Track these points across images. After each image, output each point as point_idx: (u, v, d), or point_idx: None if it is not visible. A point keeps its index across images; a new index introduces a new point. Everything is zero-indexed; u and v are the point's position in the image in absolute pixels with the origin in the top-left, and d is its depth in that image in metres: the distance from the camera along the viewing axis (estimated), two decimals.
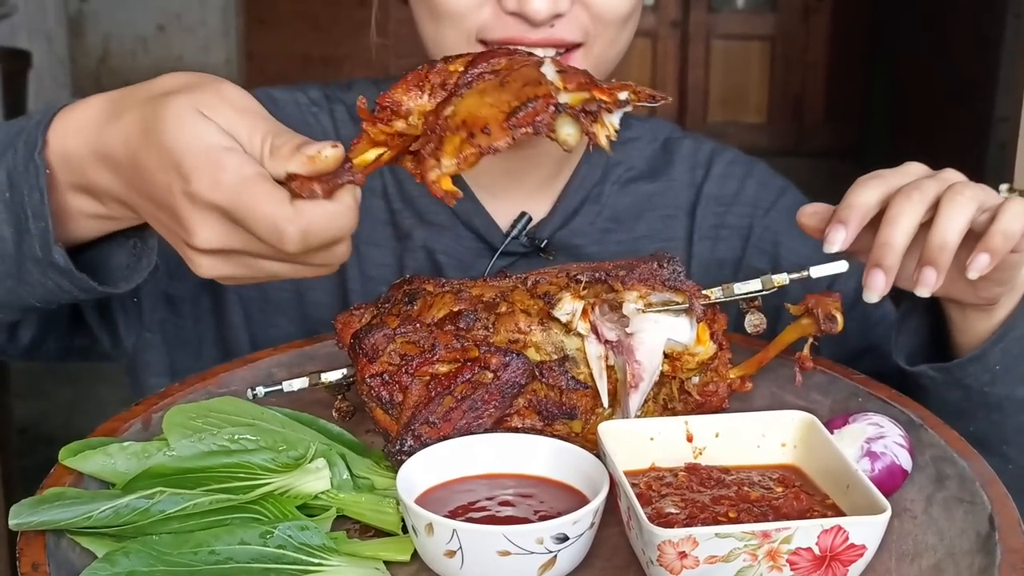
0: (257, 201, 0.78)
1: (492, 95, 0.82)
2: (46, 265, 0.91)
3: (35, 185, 0.89)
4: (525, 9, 1.10)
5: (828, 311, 0.97)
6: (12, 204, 0.91)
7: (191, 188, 0.79)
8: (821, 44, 8.16)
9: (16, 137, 0.92)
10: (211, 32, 7.93)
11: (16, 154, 0.91)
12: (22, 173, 0.90)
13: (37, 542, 0.82)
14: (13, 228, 0.92)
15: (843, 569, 0.81)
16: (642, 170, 1.37)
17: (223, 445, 0.92)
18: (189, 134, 0.80)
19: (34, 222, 0.90)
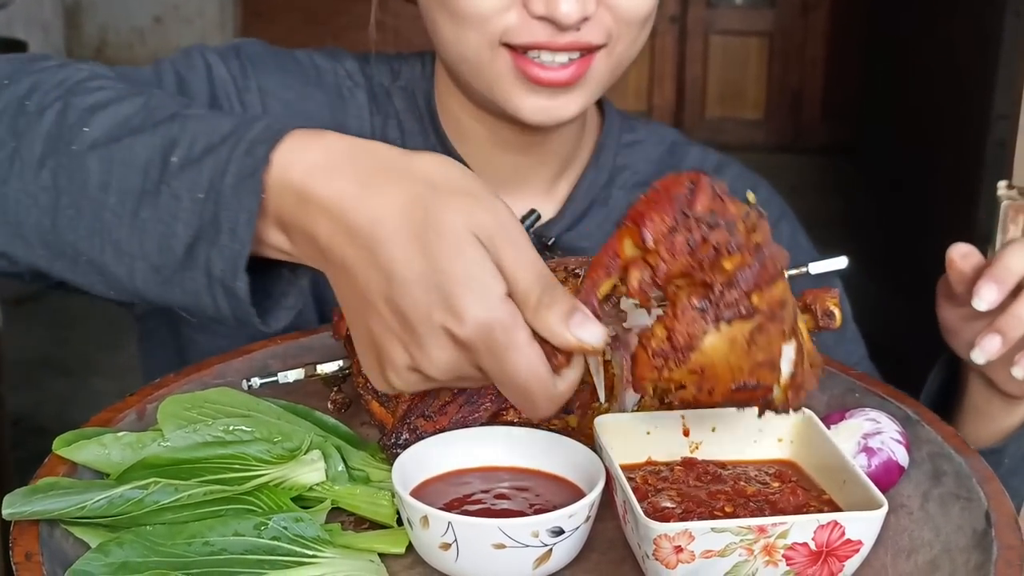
0: (522, 373, 0.76)
1: (736, 353, 0.78)
2: (219, 285, 0.83)
3: (246, 206, 0.80)
4: (555, 14, 1.07)
5: (826, 306, 0.97)
6: (204, 209, 0.82)
7: (455, 328, 0.74)
8: (819, 40, 8.17)
9: (230, 140, 0.83)
10: (208, 24, 7.92)
11: (230, 161, 0.82)
12: (233, 186, 0.81)
13: (30, 532, 0.82)
14: (193, 233, 0.83)
15: (839, 564, 0.80)
16: (647, 175, 1.35)
17: (218, 436, 0.92)
18: (467, 267, 0.74)
19: (229, 240, 0.81)
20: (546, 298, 0.76)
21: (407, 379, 0.78)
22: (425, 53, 1.31)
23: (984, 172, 4.62)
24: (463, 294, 0.74)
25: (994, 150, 4.43)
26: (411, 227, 0.76)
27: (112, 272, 0.87)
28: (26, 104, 0.91)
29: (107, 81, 0.94)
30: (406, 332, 0.76)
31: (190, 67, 1.22)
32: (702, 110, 8.33)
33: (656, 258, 0.77)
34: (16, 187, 0.89)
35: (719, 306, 0.77)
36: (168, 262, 0.84)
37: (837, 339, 1.30)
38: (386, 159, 0.80)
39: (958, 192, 5.19)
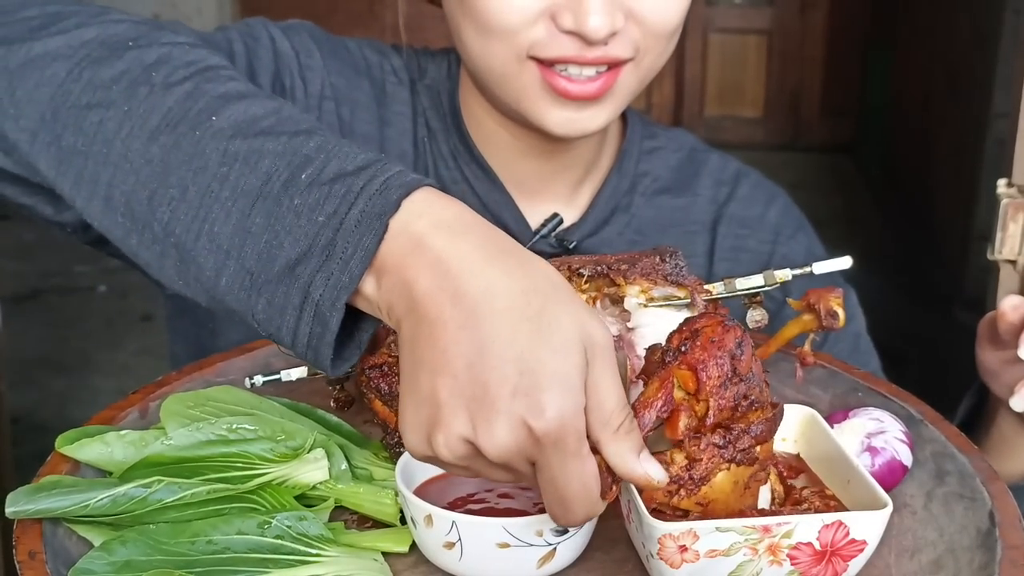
0: (573, 488, 0.74)
1: (735, 493, 0.83)
2: (312, 310, 0.80)
3: (365, 244, 0.78)
4: (584, 29, 1.06)
5: (829, 306, 0.97)
6: (321, 234, 0.80)
7: (532, 418, 0.72)
8: (818, 39, 8.17)
9: (360, 173, 0.81)
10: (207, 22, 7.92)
11: (359, 195, 0.79)
12: (357, 222, 0.78)
13: (34, 530, 0.82)
14: (300, 252, 0.80)
15: (843, 564, 0.80)
16: (667, 182, 1.35)
17: (221, 434, 0.92)
18: (568, 370, 0.73)
19: (338, 271, 0.79)
20: (627, 426, 0.76)
21: (455, 448, 0.75)
22: (451, 51, 1.30)
23: (983, 170, 4.63)
24: (555, 391, 0.72)
25: (993, 148, 4.43)
26: (525, 312, 0.74)
27: (199, 262, 0.84)
28: (152, 74, 0.88)
29: (237, 73, 0.92)
30: (479, 403, 0.73)
31: (256, 39, 1.21)
32: (701, 108, 8.33)
33: (704, 408, 0.81)
34: (119, 151, 0.86)
35: (735, 447, 0.82)
36: (264, 270, 0.81)
37: (851, 351, 1.30)
38: (512, 244, 0.79)
39: (957, 190, 5.19)
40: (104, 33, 0.92)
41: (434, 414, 0.74)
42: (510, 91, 1.14)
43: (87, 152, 0.87)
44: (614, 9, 1.07)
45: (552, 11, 1.08)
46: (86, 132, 0.87)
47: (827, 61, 8.18)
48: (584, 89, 1.10)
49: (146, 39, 0.92)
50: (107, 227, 0.88)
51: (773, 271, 1.00)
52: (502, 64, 1.12)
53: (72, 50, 0.90)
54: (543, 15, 1.08)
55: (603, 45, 1.08)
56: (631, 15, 1.09)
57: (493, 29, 1.10)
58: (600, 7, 1.06)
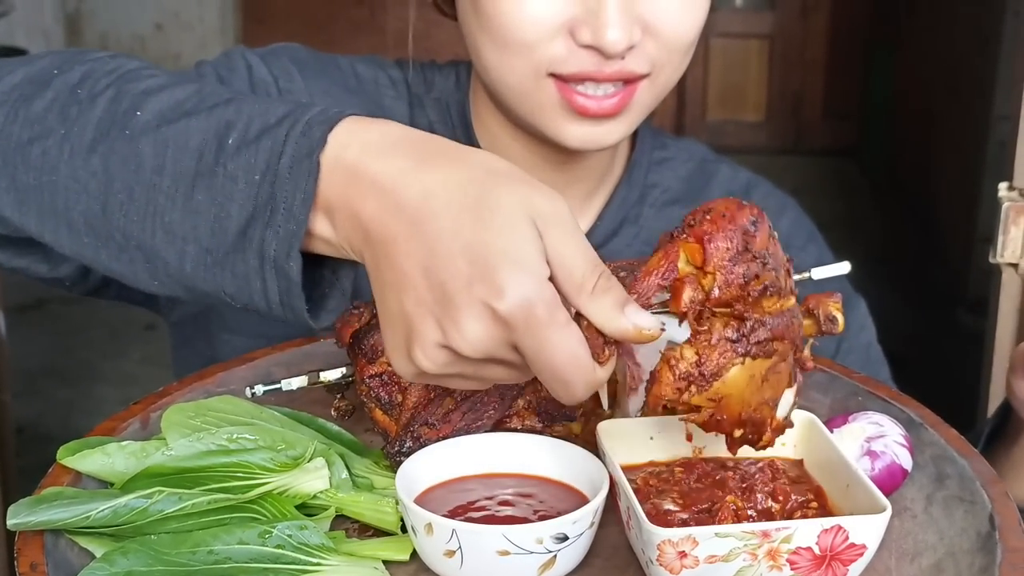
0: (562, 355, 0.74)
1: (751, 387, 0.80)
2: (271, 266, 0.81)
3: (302, 186, 0.79)
4: (602, 42, 1.06)
5: (829, 312, 0.96)
6: (260, 191, 0.81)
7: (495, 301, 0.72)
8: (820, 42, 8.17)
9: (286, 122, 0.82)
10: (209, 30, 7.93)
11: (286, 142, 0.81)
12: (289, 167, 0.80)
13: (35, 542, 0.82)
14: (248, 215, 0.81)
15: (843, 568, 0.80)
16: (677, 193, 1.35)
17: (221, 444, 0.92)
18: (517, 245, 0.73)
19: (284, 221, 0.80)
20: (603, 284, 0.76)
21: (434, 357, 0.75)
22: (459, 63, 1.30)
23: (985, 173, 4.62)
24: (508, 269, 0.73)
25: (995, 151, 4.43)
26: (464, 202, 0.75)
27: (162, 256, 0.85)
28: (78, 92, 0.90)
29: (159, 71, 0.93)
30: (441, 305, 0.74)
31: (231, 68, 1.21)
32: (703, 113, 8.33)
33: (712, 282, 0.79)
34: (65, 174, 0.87)
35: (748, 340, 0.79)
36: (221, 244, 0.83)
37: (864, 362, 1.31)
38: (444, 145, 0.80)
39: (960, 193, 5.19)
40: (30, 71, 0.94)
41: (407, 330, 0.75)
42: (527, 106, 1.14)
43: (40, 185, 0.89)
44: (631, 23, 1.07)
45: (570, 26, 1.08)
46: (34, 166, 0.89)
47: (829, 65, 8.18)
48: (602, 106, 1.10)
49: (69, 63, 0.93)
50: (78, 251, 0.90)
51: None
52: (519, 79, 1.12)
53: (4, 96, 0.93)
54: (561, 30, 1.08)
55: (620, 60, 1.08)
56: (648, 29, 1.10)
57: (511, 44, 1.09)
58: (617, 20, 1.06)
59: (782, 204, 1.38)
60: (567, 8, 1.08)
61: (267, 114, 0.83)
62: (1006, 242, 1.81)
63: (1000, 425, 1.25)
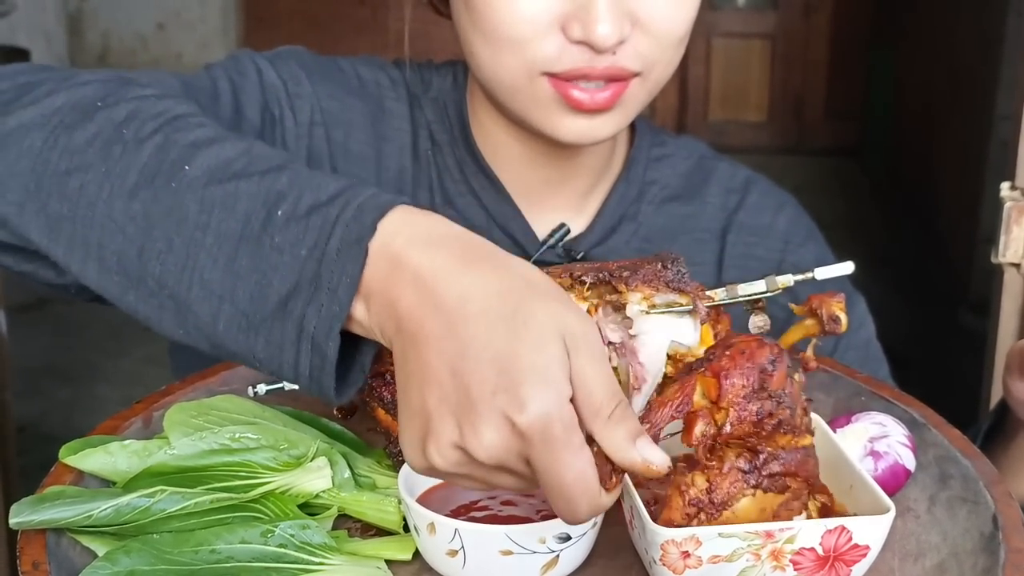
0: (571, 478, 0.73)
1: (762, 520, 0.81)
2: (309, 342, 0.81)
3: (349, 271, 0.80)
4: (592, 37, 1.06)
5: (832, 311, 0.97)
6: (304, 267, 0.81)
7: (515, 414, 0.72)
8: (822, 42, 8.17)
9: (334, 201, 0.82)
10: (210, 30, 7.93)
11: (336, 224, 0.81)
12: (338, 250, 0.80)
13: (37, 541, 0.82)
14: (289, 288, 0.81)
15: (846, 569, 0.80)
16: (676, 189, 1.35)
17: (224, 443, 0.92)
18: (545, 363, 0.73)
19: (328, 301, 0.80)
20: (619, 413, 0.76)
21: (447, 456, 0.75)
22: (456, 63, 1.30)
23: (988, 172, 4.63)
24: (534, 384, 0.73)
25: (998, 150, 4.43)
26: (500, 312, 0.75)
27: (195, 310, 0.85)
28: (123, 132, 0.90)
29: (206, 119, 0.93)
30: (463, 408, 0.74)
31: (241, 73, 1.21)
32: (705, 113, 8.33)
33: (724, 417, 0.80)
34: (102, 212, 0.87)
35: (760, 472, 0.81)
36: (259, 310, 0.83)
37: (863, 360, 1.30)
38: (487, 248, 0.80)
39: (962, 193, 5.19)
40: (73, 97, 0.93)
41: (425, 425, 0.75)
42: (521, 102, 1.14)
43: (73, 217, 0.88)
44: (622, 17, 1.08)
45: (561, 22, 1.08)
46: (69, 197, 0.89)
47: (831, 65, 8.18)
48: (595, 99, 1.10)
49: (114, 97, 0.93)
50: (104, 287, 0.90)
51: (775, 277, 1.00)
52: (513, 76, 1.12)
53: (45, 119, 0.92)
54: (553, 27, 1.09)
55: (612, 55, 1.09)
56: (638, 24, 1.10)
57: (503, 40, 1.10)
58: (608, 15, 1.06)
59: (780, 201, 1.38)
60: (558, 5, 1.08)
61: (319, 190, 0.83)
62: (1008, 242, 1.81)
63: (996, 424, 1.25)
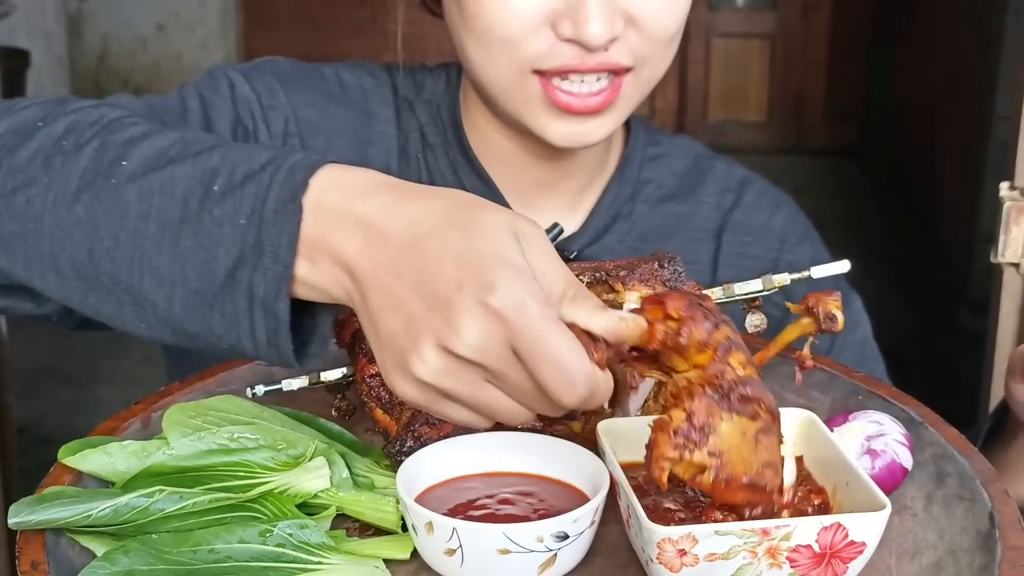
0: (559, 345, 0.74)
1: (747, 445, 0.81)
2: (260, 307, 0.84)
3: (287, 229, 0.82)
4: (583, 36, 1.06)
5: (828, 310, 0.97)
6: (245, 235, 0.84)
7: (488, 297, 0.73)
8: (821, 42, 8.17)
9: (269, 168, 0.85)
10: (210, 31, 7.93)
11: (270, 187, 0.84)
12: (274, 211, 0.83)
13: (36, 541, 0.82)
14: (234, 257, 0.84)
15: (843, 566, 0.81)
16: (672, 189, 1.35)
17: (222, 444, 0.92)
18: (505, 251, 0.76)
19: (272, 263, 0.82)
20: (581, 293, 0.78)
21: (432, 363, 0.76)
22: (450, 65, 1.30)
23: (987, 172, 4.63)
24: (498, 267, 0.74)
25: (997, 150, 4.43)
26: (451, 222, 0.77)
27: (151, 299, 0.87)
28: (63, 143, 0.92)
29: (141, 119, 0.95)
30: (435, 311, 0.75)
31: (214, 89, 1.22)
32: (704, 113, 8.34)
33: (678, 325, 0.80)
34: (49, 222, 0.89)
35: (730, 398, 0.80)
36: (209, 286, 0.85)
37: (859, 359, 1.31)
38: (423, 187, 0.82)
39: (961, 193, 5.19)
40: (14, 122, 0.95)
41: (401, 344, 0.77)
42: (513, 103, 1.14)
43: (24, 233, 0.90)
44: (613, 15, 1.08)
45: (552, 20, 1.08)
46: (18, 215, 0.90)
47: (830, 65, 8.19)
48: (586, 103, 1.11)
49: (53, 115, 0.95)
50: (67, 296, 0.91)
51: (772, 276, 1.00)
52: (505, 76, 1.12)
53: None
54: (543, 24, 1.09)
55: (603, 52, 1.09)
56: (631, 21, 1.10)
57: (495, 40, 1.10)
58: (599, 14, 1.06)
59: (777, 201, 1.38)
60: (549, 2, 1.08)
61: (251, 160, 0.86)
62: (1007, 242, 1.82)
63: (996, 426, 1.25)
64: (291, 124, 1.23)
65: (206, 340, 0.87)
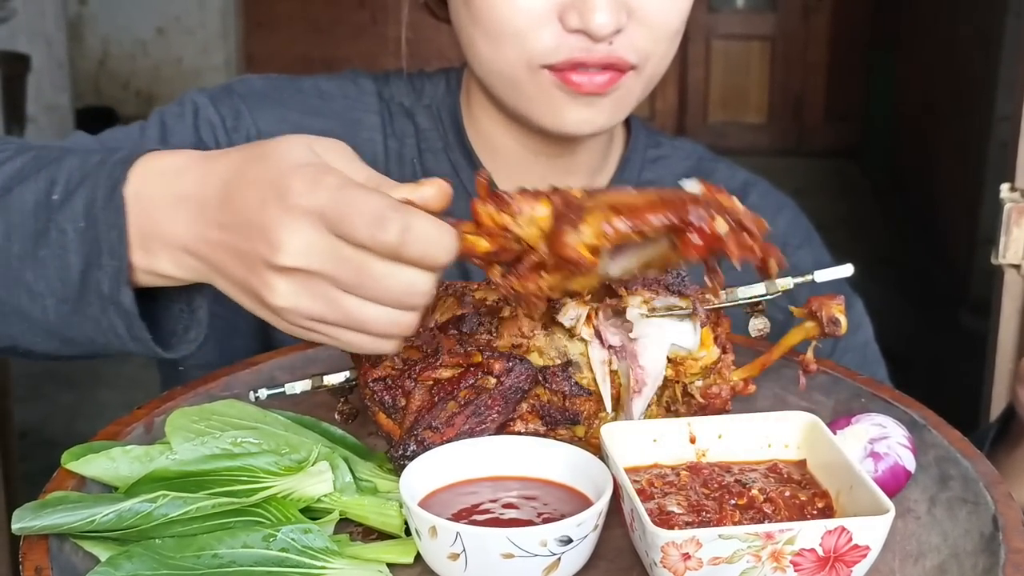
0: (359, 197, 0.78)
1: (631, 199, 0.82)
2: (110, 303, 0.90)
3: (114, 223, 0.88)
4: (589, 26, 1.09)
5: (831, 314, 0.97)
6: (86, 236, 0.89)
7: (288, 200, 0.78)
8: (821, 44, 8.17)
9: (97, 169, 0.91)
10: (210, 35, 7.93)
11: (97, 187, 0.89)
12: (102, 208, 0.88)
13: (40, 546, 0.82)
14: (83, 260, 0.89)
15: (847, 570, 0.80)
16: None
17: (226, 448, 0.92)
18: (294, 157, 0.80)
19: (108, 259, 0.88)
20: (385, 183, 0.82)
21: (280, 288, 0.80)
22: (449, 70, 1.32)
23: (988, 173, 4.63)
24: (290, 173, 0.79)
25: (997, 151, 4.43)
26: (249, 159, 0.83)
27: (32, 315, 0.93)
28: None
29: (8, 145, 0.99)
30: (256, 238, 0.80)
31: (178, 115, 1.25)
32: (705, 114, 8.34)
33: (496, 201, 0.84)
34: None
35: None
36: (71, 292, 0.91)
37: (860, 362, 1.31)
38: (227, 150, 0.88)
39: (962, 194, 5.19)
40: None
41: (251, 286, 0.82)
42: (521, 96, 1.16)
43: None
44: (618, 7, 1.10)
45: (559, 12, 1.11)
46: None
47: (830, 66, 8.19)
48: (594, 81, 1.13)
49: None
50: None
51: (775, 279, 1.00)
52: (513, 70, 1.14)
53: None
54: (551, 17, 1.11)
55: (608, 45, 1.11)
56: (633, 15, 1.12)
57: (501, 34, 1.12)
58: (605, 4, 1.09)
59: (779, 204, 1.38)
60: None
61: (84, 165, 0.92)
62: (1008, 243, 1.81)
63: (1002, 430, 1.25)
64: None
65: (91, 345, 0.94)
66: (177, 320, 0.94)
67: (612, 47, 1.11)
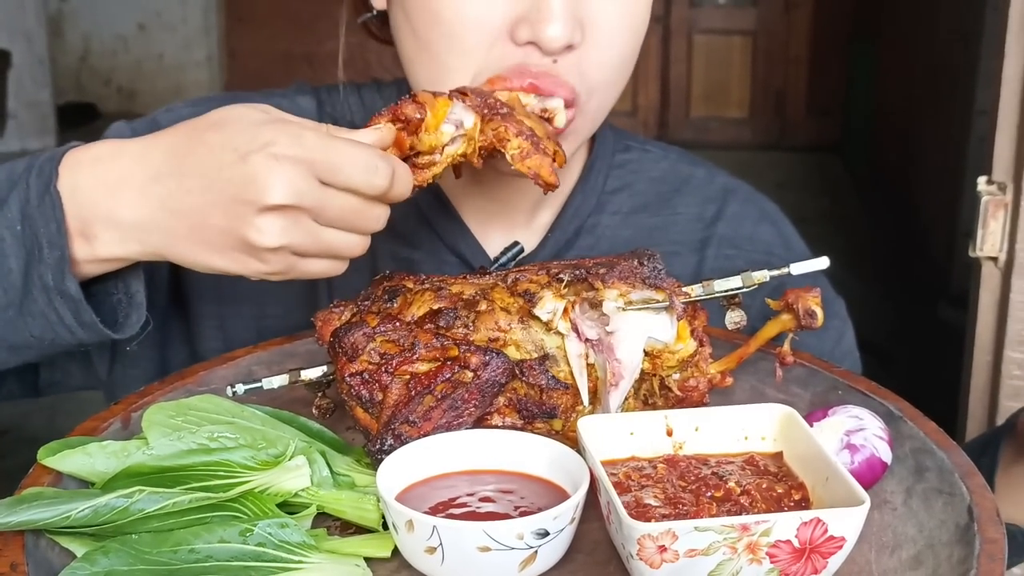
0: (347, 147, 0.88)
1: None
2: (56, 294, 0.93)
3: (52, 216, 0.92)
4: (541, 36, 1.04)
5: (808, 306, 0.97)
6: (24, 237, 0.94)
7: (273, 149, 0.85)
8: (802, 39, 8.19)
9: (25, 174, 0.95)
10: (192, 30, 7.91)
11: (29, 188, 0.93)
12: (36, 206, 0.92)
13: (16, 542, 0.82)
14: (23, 261, 0.94)
15: (823, 561, 0.81)
16: (645, 199, 1.31)
17: (202, 443, 0.92)
18: (259, 116, 0.88)
19: (49, 251, 0.92)
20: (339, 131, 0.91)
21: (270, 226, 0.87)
22: (402, 81, 1.28)
23: (968, 167, 4.64)
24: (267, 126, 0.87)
25: (977, 145, 4.45)
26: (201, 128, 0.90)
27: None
28: None
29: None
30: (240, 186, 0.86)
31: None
32: (687, 110, 8.35)
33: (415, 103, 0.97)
34: None
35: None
36: (14, 296, 0.94)
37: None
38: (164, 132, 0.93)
39: (942, 187, 5.21)
40: None
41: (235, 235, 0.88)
42: None
43: None
44: (573, 22, 1.06)
45: (510, 28, 1.06)
46: None
47: (812, 61, 8.21)
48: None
49: None
50: None
51: (751, 272, 1.00)
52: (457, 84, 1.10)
53: None
54: (500, 34, 1.07)
55: (553, 64, 1.06)
56: (587, 37, 1.07)
57: (451, 52, 1.08)
58: (561, 15, 1.04)
59: (760, 214, 1.35)
60: (507, 8, 1.06)
61: (12, 172, 0.96)
62: (985, 236, 1.82)
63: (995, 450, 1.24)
64: None
65: (38, 347, 0.98)
66: (117, 309, 0.99)
67: (556, 64, 1.07)
